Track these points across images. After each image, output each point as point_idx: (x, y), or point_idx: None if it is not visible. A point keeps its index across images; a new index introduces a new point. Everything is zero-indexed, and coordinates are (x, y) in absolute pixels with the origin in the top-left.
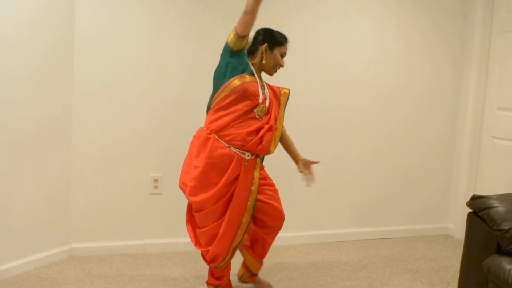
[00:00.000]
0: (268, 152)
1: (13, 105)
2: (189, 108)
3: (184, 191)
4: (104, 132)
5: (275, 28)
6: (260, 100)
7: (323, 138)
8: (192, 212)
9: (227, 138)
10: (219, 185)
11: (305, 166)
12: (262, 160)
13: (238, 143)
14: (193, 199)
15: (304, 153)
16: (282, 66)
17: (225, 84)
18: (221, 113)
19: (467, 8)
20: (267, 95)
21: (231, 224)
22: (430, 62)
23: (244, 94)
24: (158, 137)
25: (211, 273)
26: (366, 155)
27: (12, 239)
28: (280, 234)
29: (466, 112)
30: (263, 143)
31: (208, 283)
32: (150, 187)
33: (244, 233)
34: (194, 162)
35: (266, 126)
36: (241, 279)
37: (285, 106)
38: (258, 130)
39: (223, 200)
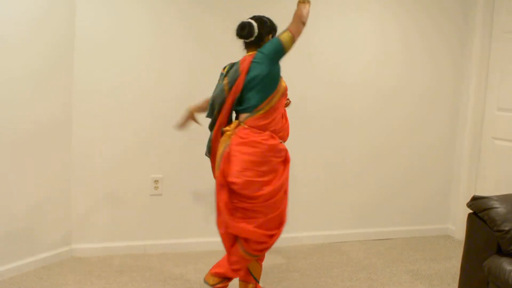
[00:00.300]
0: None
1: (13, 105)
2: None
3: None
4: (105, 132)
5: (279, 28)
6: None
7: (323, 138)
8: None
9: (280, 135)
10: (281, 175)
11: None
12: None
13: (282, 135)
14: (256, 194)
15: (305, 153)
16: None
17: (278, 86)
18: (274, 114)
19: (467, 9)
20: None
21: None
22: (430, 63)
23: (286, 93)
24: (158, 138)
25: (231, 262)
26: (366, 156)
27: (12, 240)
28: (280, 235)
29: (466, 113)
30: (287, 130)
31: (216, 274)
32: (151, 188)
33: None
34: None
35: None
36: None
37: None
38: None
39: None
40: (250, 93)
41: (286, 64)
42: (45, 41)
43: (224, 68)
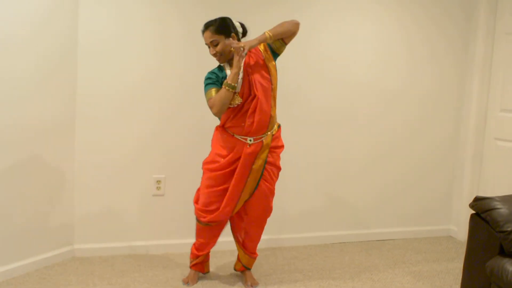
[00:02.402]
0: (269, 121)
1: (16, 106)
2: (192, 109)
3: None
4: (107, 133)
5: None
6: (238, 88)
7: (326, 139)
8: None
9: (229, 129)
10: (224, 161)
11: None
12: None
13: (237, 131)
14: (204, 167)
15: (307, 154)
16: (212, 55)
17: None
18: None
19: (470, 11)
20: (239, 82)
21: (230, 199)
22: (433, 64)
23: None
24: (161, 138)
25: (194, 245)
26: (369, 157)
27: (14, 240)
28: (282, 236)
29: (469, 114)
30: (254, 125)
31: (191, 257)
32: (153, 188)
33: (240, 205)
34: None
35: (251, 108)
36: (235, 268)
37: (272, 49)
38: (245, 113)
39: (227, 170)
40: None
41: (289, 65)
42: (48, 42)
43: None
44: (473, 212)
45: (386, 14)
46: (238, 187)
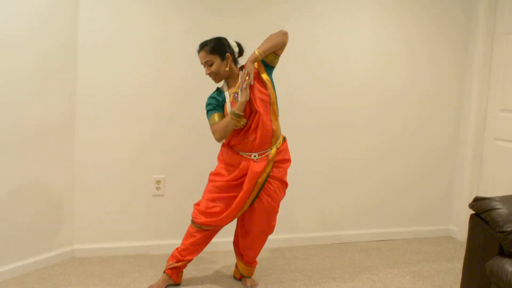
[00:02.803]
0: (271, 135)
1: (16, 106)
2: (192, 110)
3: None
4: (107, 133)
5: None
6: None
7: (325, 139)
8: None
9: (235, 147)
10: (231, 176)
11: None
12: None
13: (241, 148)
14: (210, 177)
15: (307, 154)
16: (207, 74)
17: None
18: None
19: (470, 11)
20: (237, 98)
21: (234, 210)
22: (433, 64)
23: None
24: (160, 139)
25: (177, 247)
26: (369, 157)
27: (14, 240)
28: (282, 236)
29: (469, 114)
30: (257, 140)
31: (169, 260)
32: (153, 189)
33: (236, 217)
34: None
35: (253, 124)
36: (234, 276)
37: (266, 63)
38: (247, 132)
39: (232, 183)
40: None
41: (288, 66)
42: (48, 42)
43: None
44: (473, 212)
45: (386, 14)
46: (243, 200)
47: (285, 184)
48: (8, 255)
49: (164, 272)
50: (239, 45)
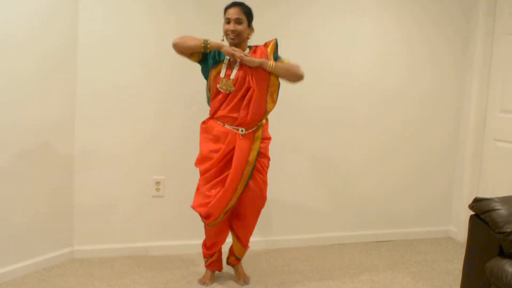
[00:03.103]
0: (263, 114)
1: (16, 106)
2: (192, 110)
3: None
4: (107, 134)
5: (278, 30)
6: (222, 75)
7: (326, 139)
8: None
9: (220, 117)
10: (216, 157)
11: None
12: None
13: (229, 120)
14: (199, 167)
15: (307, 154)
16: (229, 30)
17: (208, 80)
18: (213, 102)
19: (469, 11)
20: (235, 69)
21: (228, 189)
22: (432, 65)
23: (214, 81)
24: (160, 139)
25: (204, 244)
26: (368, 158)
27: (13, 241)
28: (282, 237)
29: (468, 115)
30: (248, 117)
31: (204, 257)
32: (152, 190)
33: (236, 199)
34: (200, 140)
35: (241, 95)
36: (227, 262)
37: (276, 52)
38: (239, 102)
39: (221, 164)
40: None
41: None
42: (48, 42)
43: None
44: (473, 213)
45: (386, 14)
46: (235, 181)
47: (269, 159)
48: (7, 256)
49: (206, 267)
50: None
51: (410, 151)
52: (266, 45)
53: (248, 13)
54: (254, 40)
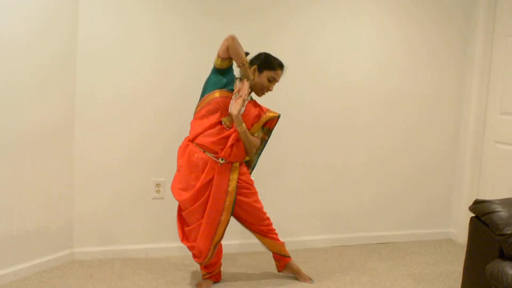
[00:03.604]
0: (243, 158)
1: (16, 109)
2: (192, 112)
3: (172, 192)
4: (107, 136)
5: (278, 30)
6: (230, 110)
7: (325, 142)
8: (180, 211)
9: (201, 145)
10: (197, 186)
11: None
12: (248, 164)
13: (211, 149)
14: (178, 198)
15: (307, 157)
16: (269, 90)
17: (205, 96)
18: (198, 122)
19: (469, 12)
20: (242, 110)
21: (210, 222)
22: (432, 66)
23: (217, 107)
24: (160, 142)
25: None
26: (368, 160)
27: (13, 243)
28: (282, 239)
29: (468, 117)
30: (234, 150)
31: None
32: (152, 192)
33: (224, 231)
34: (178, 165)
35: (234, 135)
36: (279, 270)
37: (263, 127)
38: (227, 138)
39: (201, 201)
40: None
41: (289, 68)
42: (48, 46)
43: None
44: (473, 215)
45: (386, 15)
46: (218, 212)
47: (251, 183)
48: (7, 258)
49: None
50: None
51: (410, 153)
52: (265, 111)
53: None
54: (254, 44)
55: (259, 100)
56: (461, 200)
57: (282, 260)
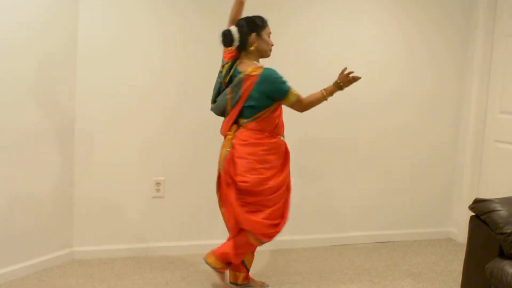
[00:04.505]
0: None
1: (16, 109)
2: (192, 111)
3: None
4: (106, 135)
5: (278, 30)
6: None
7: (324, 140)
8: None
9: (275, 131)
10: (284, 171)
11: None
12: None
13: (282, 131)
14: (269, 184)
15: (306, 156)
16: (273, 45)
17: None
18: (272, 117)
19: (469, 12)
20: None
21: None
22: (432, 66)
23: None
24: (160, 140)
25: (236, 247)
26: (368, 159)
27: (13, 242)
28: (281, 238)
29: (468, 116)
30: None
31: (221, 256)
32: (152, 191)
33: None
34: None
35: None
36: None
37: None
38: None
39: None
40: (250, 107)
41: (289, 68)
42: (48, 45)
43: (226, 64)
44: (473, 214)
45: (386, 15)
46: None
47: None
48: (7, 257)
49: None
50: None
51: (410, 152)
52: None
53: None
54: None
55: None
56: (461, 199)
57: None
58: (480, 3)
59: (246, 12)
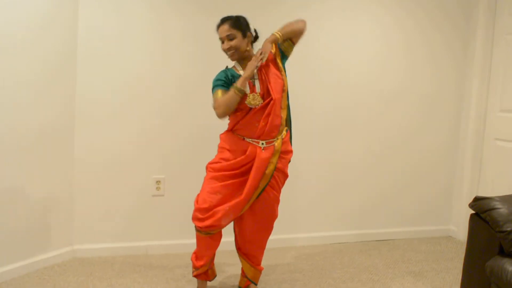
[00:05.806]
0: (279, 123)
1: (16, 109)
2: (192, 110)
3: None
4: (107, 133)
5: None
6: (247, 91)
7: (325, 140)
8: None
9: (238, 131)
10: (235, 160)
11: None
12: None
13: (248, 134)
14: (209, 166)
15: (307, 155)
16: (225, 50)
17: None
18: (233, 115)
19: (469, 11)
20: (256, 81)
21: (244, 200)
22: (432, 65)
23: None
24: (160, 139)
25: (195, 255)
26: (368, 157)
27: (14, 241)
28: (282, 236)
29: (468, 114)
30: (267, 127)
31: (193, 267)
32: (153, 189)
33: (243, 210)
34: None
35: (267, 110)
36: (240, 286)
37: (282, 51)
38: (260, 116)
39: (235, 172)
40: None
41: (288, 68)
42: (48, 45)
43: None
44: (473, 212)
45: (386, 15)
46: (250, 193)
47: (286, 176)
48: (7, 255)
49: (195, 278)
50: (255, 30)
51: (410, 150)
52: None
53: (237, 25)
54: (254, 43)
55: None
56: (461, 197)
57: (248, 282)
58: (480, 2)
59: (246, 13)
